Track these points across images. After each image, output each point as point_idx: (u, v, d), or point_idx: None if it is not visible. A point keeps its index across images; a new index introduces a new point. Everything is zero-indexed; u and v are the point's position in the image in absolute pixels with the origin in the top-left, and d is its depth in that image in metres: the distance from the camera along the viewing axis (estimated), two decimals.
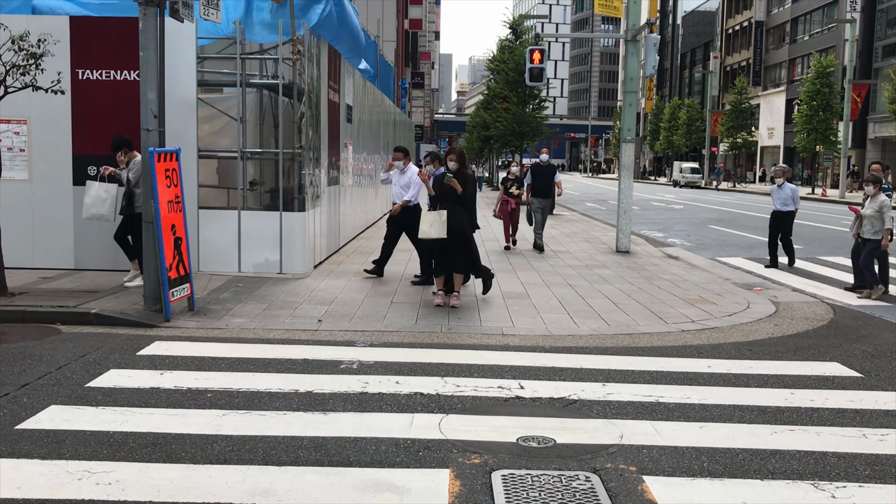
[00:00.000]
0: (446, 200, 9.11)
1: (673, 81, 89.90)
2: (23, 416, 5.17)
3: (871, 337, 8.27)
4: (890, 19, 49.39)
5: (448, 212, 8.99)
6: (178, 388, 5.84)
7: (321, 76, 11.50)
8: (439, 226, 8.94)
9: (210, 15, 8.91)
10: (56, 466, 4.36)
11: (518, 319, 8.53)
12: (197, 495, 4.03)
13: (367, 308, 8.90)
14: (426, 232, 9.03)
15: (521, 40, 32.70)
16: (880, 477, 4.47)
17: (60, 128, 10.34)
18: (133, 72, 10.10)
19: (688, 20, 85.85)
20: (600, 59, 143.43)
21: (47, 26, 9.80)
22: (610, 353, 7.28)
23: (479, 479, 4.30)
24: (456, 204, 9.08)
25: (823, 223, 23.89)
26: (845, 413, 5.64)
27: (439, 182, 9.27)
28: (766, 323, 8.81)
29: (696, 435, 5.09)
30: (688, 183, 58.39)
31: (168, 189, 8.13)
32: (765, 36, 66.80)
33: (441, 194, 9.18)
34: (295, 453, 4.63)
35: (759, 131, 64.97)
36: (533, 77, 18.03)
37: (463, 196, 9.06)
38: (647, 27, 16.64)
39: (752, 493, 4.21)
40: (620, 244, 14.92)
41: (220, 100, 12.25)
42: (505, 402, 5.71)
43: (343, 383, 6.04)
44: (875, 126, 49.36)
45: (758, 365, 6.97)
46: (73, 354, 6.74)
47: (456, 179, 9.02)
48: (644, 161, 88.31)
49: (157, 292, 8.15)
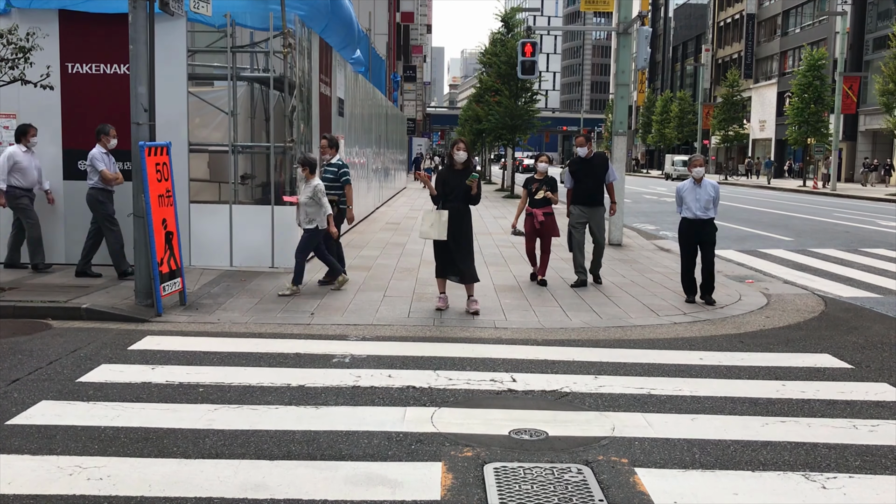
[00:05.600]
0: (452, 199, 8.35)
1: (665, 74, 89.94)
2: (13, 411, 5.15)
3: (862, 328, 8.30)
4: (881, 12, 49.52)
5: (453, 212, 8.26)
6: (170, 383, 5.82)
7: (312, 69, 11.46)
8: (439, 227, 8.20)
9: (200, 8, 8.87)
10: (47, 462, 4.34)
11: (510, 312, 8.53)
12: (189, 490, 4.02)
13: (359, 302, 8.89)
14: (426, 233, 8.29)
15: (513, 33, 32.61)
16: (871, 468, 4.49)
17: (50, 122, 10.27)
18: (123, 65, 10.04)
19: (679, 13, 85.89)
20: (592, 52, 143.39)
21: (36, 20, 9.74)
22: (602, 346, 7.29)
23: (472, 472, 4.30)
24: (462, 203, 8.37)
25: (815, 215, 23.97)
26: (836, 404, 5.66)
27: (443, 179, 8.50)
28: (758, 315, 8.84)
29: (688, 427, 5.10)
30: (680, 176, 58.45)
31: (159, 183, 8.10)
32: (756, 29, 66.91)
33: (446, 192, 8.38)
34: (287, 447, 4.62)
35: (751, 124, 65.11)
36: (525, 70, 18.03)
37: (475, 197, 8.36)
38: (639, 20, 16.66)
39: (744, 485, 4.22)
40: (612, 237, 14.93)
41: (210, 93, 12.21)
42: (497, 395, 5.72)
43: (335, 377, 6.04)
44: (866, 118, 49.51)
45: (749, 357, 6.99)
46: (63, 349, 6.72)
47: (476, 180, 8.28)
48: (636, 154, 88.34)
49: (148, 287, 8.12)
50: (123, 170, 9.94)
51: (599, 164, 10.35)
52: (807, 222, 21.49)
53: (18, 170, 9.62)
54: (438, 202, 8.43)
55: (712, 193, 9.08)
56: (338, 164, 9.90)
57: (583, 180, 10.28)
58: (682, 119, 70.97)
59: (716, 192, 9.13)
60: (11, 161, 9.56)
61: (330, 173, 9.81)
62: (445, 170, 8.73)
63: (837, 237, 17.56)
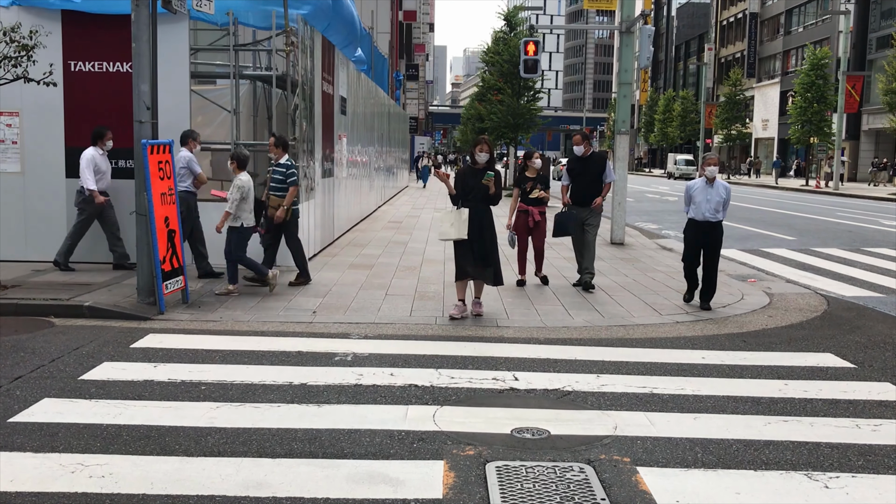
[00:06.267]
0: (471, 199, 8.12)
1: (667, 73, 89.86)
2: (16, 409, 5.15)
3: (864, 328, 8.29)
4: (884, 11, 49.41)
5: (472, 211, 8.02)
6: (172, 381, 5.82)
7: (315, 68, 11.46)
8: (459, 226, 7.95)
9: (203, 6, 8.87)
10: (49, 459, 4.34)
11: (512, 311, 8.52)
12: (191, 488, 4.02)
13: (362, 300, 8.89)
14: (446, 233, 8.06)
15: (516, 32, 32.61)
16: (873, 467, 4.48)
17: (53, 120, 10.28)
18: (126, 63, 10.04)
19: (682, 12, 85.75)
20: (595, 50, 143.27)
21: (39, 17, 9.74)
22: (604, 345, 7.28)
23: (474, 470, 4.30)
24: (482, 203, 8.13)
25: (817, 215, 23.93)
26: (839, 404, 5.65)
27: (462, 178, 8.24)
28: (761, 314, 8.83)
29: (690, 426, 5.09)
30: (682, 175, 58.40)
31: (161, 181, 8.10)
32: (759, 27, 66.81)
33: (465, 192, 8.14)
34: (289, 445, 4.62)
35: (754, 123, 65.01)
36: (528, 69, 18.01)
37: (494, 196, 8.13)
38: (642, 18, 16.63)
39: (746, 484, 4.22)
40: (615, 236, 14.92)
41: (213, 92, 12.20)
42: (499, 393, 5.71)
43: (337, 375, 6.03)
44: (869, 118, 49.42)
45: (752, 356, 6.98)
46: (66, 347, 6.72)
47: (494, 178, 8.05)
48: (639, 153, 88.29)
49: (150, 285, 8.12)
50: (125, 168, 9.98)
51: (596, 164, 10.07)
52: (809, 221, 21.45)
53: (97, 172, 9.70)
54: (457, 202, 8.18)
55: (724, 195, 8.66)
56: (286, 164, 9.40)
57: (578, 179, 10.07)
58: (685, 118, 70.93)
59: (727, 193, 8.71)
60: (93, 163, 9.64)
61: (278, 174, 9.31)
62: (466, 169, 8.44)
63: (840, 236, 17.53)
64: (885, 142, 49.21)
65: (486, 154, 8.14)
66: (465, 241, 8.02)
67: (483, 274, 8.20)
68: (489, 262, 8.16)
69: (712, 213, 8.65)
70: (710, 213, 8.65)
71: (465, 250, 8.12)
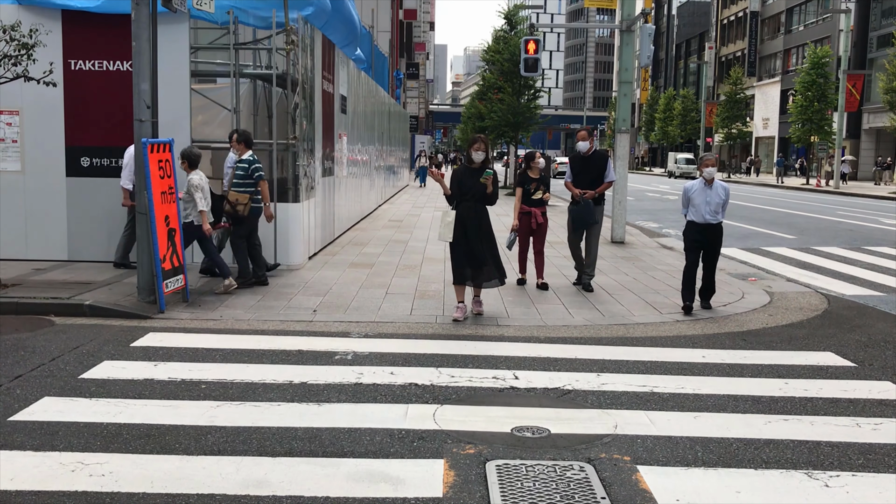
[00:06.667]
0: (468, 198, 8.04)
1: (668, 72, 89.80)
2: (16, 407, 5.16)
3: (864, 327, 8.29)
4: (885, 9, 49.37)
5: (470, 210, 7.98)
6: (172, 380, 5.82)
7: (315, 66, 11.45)
8: (443, 228, 7.98)
9: (203, 5, 8.86)
10: (49, 458, 4.34)
11: (513, 310, 8.52)
12: (191, 487, 4.02)
13: (362, 299, 8.89)
14: (443, 234, 8.05)
15: (516, 30, 32.59)
16: (874, 466, 4.48)
17: (53, 119, 10.27)
18: (126, 62, 10.04)
19: (683, 10, 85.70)
20: (595, 49, 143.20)
21: (39, 16, 9.74)
22: (604, 344, 7.28)
23: (474, 469, 4.30)
24: (479, 202, 8.06)
25: (818, 213, 23.92)
26: (839, 402, 5.65)
27: (458, 178, 8.14)
28: (761, 313, 8.82)
29: (691, 425, 5.09)
30: (683, 174, 58.36)
31: (161, 180, 8.10)
32: (760, 26, 66.75)
33: (462, 192, 8.06)
34: (289, 444, 4.62)
35: (754, 122, 64.97)
36: (528, 67, 17.99)
37: (491, 195, 8.07)
38: (642, 17, 16.63)
39: (746, 483, 4.22)
40: (615, 235, 14.92)
41: (213, 90, 12.19)
42: (500, 392, 5.71)
43: (338, 374, 6.04)
44: (869, 116, 49.39)
45: (752, 355, 6.98)
46: (66, 346, 6.72)
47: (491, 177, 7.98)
48: (639, 152, 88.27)
49: (150, 283, 8.12)
50: None
51: (598, 162, 9.95)
52: (810, 220, 21.44)
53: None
54: (452, 202, 8.10)
55: (723, 196, 8.51)
56: (248, 160, 9.30)
57: (579, 177, 9.94)
58: (686, 117, 70.90)
59: (726, 195, 8.57)
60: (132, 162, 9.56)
61: (241, 170, 9.22)
62: (462, 168, 8.37)
63: (841, 235, 17.52)
64: (885, 141, 49.18)
65: (483, 153, 8.08)
66: (460, 243, 7.98)
67: (481, 275, 8.15)
68: (487, 262, 8.12)
69: (712, 214, 8.54)
70: (709, 215, 8.54)
71: (459, 252, 8.06)
